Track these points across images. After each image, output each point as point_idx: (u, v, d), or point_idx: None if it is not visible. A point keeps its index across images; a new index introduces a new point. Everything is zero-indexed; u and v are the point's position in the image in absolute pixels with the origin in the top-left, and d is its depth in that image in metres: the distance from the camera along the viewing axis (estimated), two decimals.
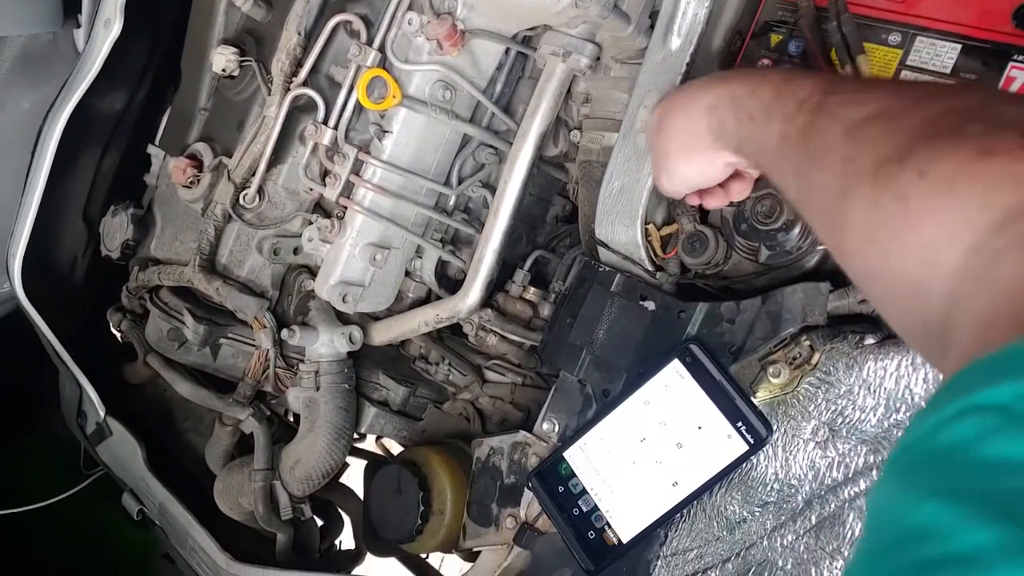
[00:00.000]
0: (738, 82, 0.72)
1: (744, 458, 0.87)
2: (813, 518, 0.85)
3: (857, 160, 0.53)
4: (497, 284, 1.24)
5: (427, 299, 1.33)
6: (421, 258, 1.29)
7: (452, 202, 1.28)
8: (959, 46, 0.84)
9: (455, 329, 1.38)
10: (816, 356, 0.86)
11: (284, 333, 1.24)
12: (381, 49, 1.14)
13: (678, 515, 0.91)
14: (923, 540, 0.33)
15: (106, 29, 1.39)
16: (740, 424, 0.87)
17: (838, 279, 0.88)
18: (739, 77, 0.73)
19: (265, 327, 1.30)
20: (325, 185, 1.20)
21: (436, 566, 1.62)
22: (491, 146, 1.26)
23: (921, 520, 0.33)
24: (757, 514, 0.88)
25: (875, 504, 0.38)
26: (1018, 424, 0.33)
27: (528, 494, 1.05)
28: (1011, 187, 0.43)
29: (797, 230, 0.90)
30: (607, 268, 1.03)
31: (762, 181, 0.94)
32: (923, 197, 0.47)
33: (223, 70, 1.30)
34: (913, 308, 0.50)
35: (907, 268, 0.49)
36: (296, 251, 1.33)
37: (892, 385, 0.81)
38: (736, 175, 0.87)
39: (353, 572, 1.56)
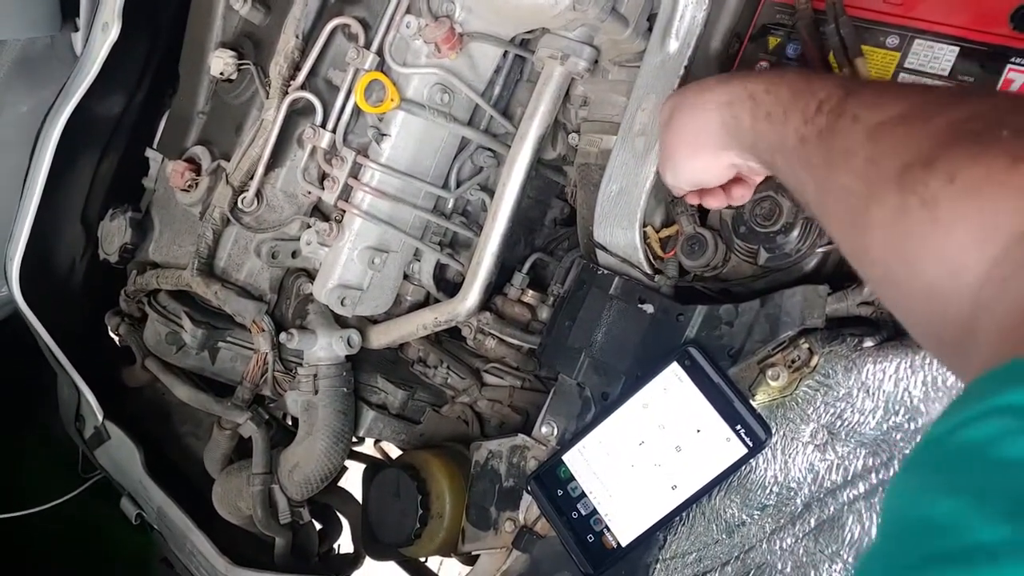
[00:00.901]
0: (755, 80, 0.71)
1: (743, 461, 0.87)
2: (812, 521, 0.85)
3: (881, 163, 0.53)
4: (495, 287, 1.24)
5: (425, 302, 1.33)
6: (419, 261, 1.29)
7: (450, 205, 1.27)
8: (957, 48, 0.84)
9: (453, 332, 1.38)
10: (815, 359, 0.86)
11: (282, 337, 1.24)
12: (379, 52, 1.14)
13: (677, 518, 0.91)
14: (937, 534, 0.33)
15: (104, 33, 1.39)
16: (739, 427, 0.87)
17: (837, 282, 0.87)
18: (756, 75, 0.72)
19: (263, 331, 1.29)
20: (323, 188, 1.20)
21: (435, 569, 1.61)
22: (489, 149, 1.26)
23: (936, 515, 0.34)
24: (756, 517, 0.88)
25: (893, 498, 0.39)
26: None
27: (527, 497, 1.04)
28: None
29: (796, 233, 0.90)
30: (605, 271, 1.03)
31: (762, 183, 0.94)
32: (952, 202, 0.46)
33: (221, 73, 1.30)
34: (936, 315, 0.49)
35: (932, 274, 0.48)
36: (294, 254, 1.33)
37: (891, 388, 0.81)
38: (738, 179, 0.87)
39: None
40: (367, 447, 1.62)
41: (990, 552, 0.31)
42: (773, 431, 0.87)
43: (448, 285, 1.33)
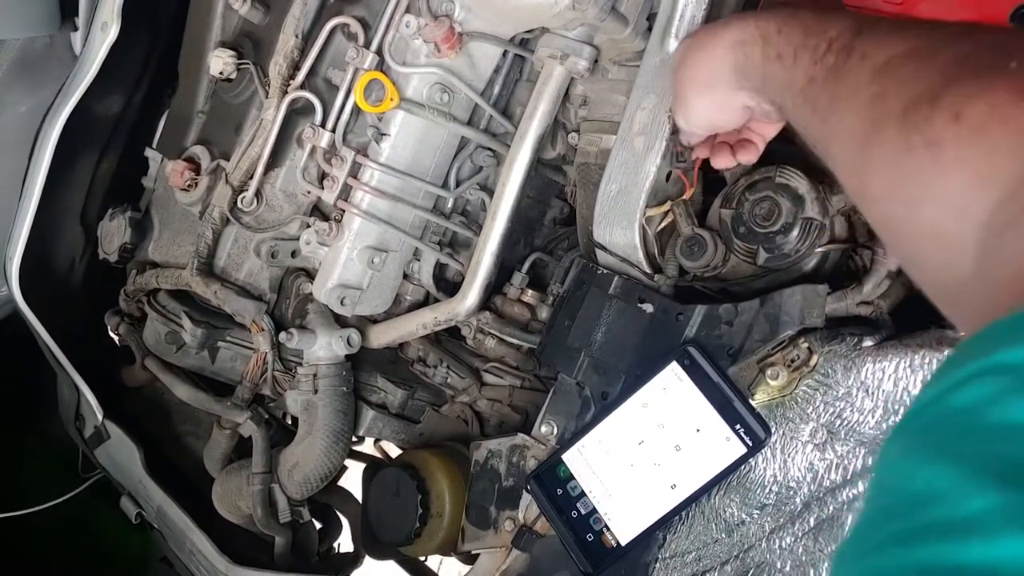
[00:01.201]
0: (767, 19, 0.70)
1: (742, 460, 0.87)
2: (812, 520, 0.85)
3: (885, 100, 0.51)
4: (495, 287, 1.24)
5: (425, 302, 1.33)
6: (419, 261, 1.29)
7: (450, 205, 1.27)
8: None
9: (453, 332, 1.38)
10: (814, 358, 0.86)
11: (282, 336, 1.24)
12: (379, 52, 1.14)
13: (676, 517, 0.91)
14: (926, 504, 0.32)
15: (103, 32, 1.39)
16: (738, 426, 0.87)
17: (836, 281, 0.88)
18: (768, 15, 0.70)
19: (263, 330, 1.29)
20: (323, 188, 1.20)
21: (435, 569, 1.61)
22: (489, 149, 1.26)
23: (925, 483, 0.32)
24: (755, 516, 0.88)
25: (882, 464, 0.37)
26: None
27: (527, 497, 1.05)
28: None
29: (795, 233, 0.90)
30: (605, 270, 1.03)
31: (761, 184, 0.94)
32: (956, 142, 0.45)
33: (220, 73, 1.29)
34: (938, 260, 0.48)
35: (935, 217, 0.47)
36: (294, 254, 1.33)
37: (890, 387, 0.81)
38: (745, 140, 0.87)
39: (351, 575, 1.56)
40: (367, 446, 1.62)
41: (982, 522, 0.29)
42: (772, 430, 0.87)
43: (448, 285, 1.33)
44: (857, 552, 0.33)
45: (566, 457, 0.98)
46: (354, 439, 1.37)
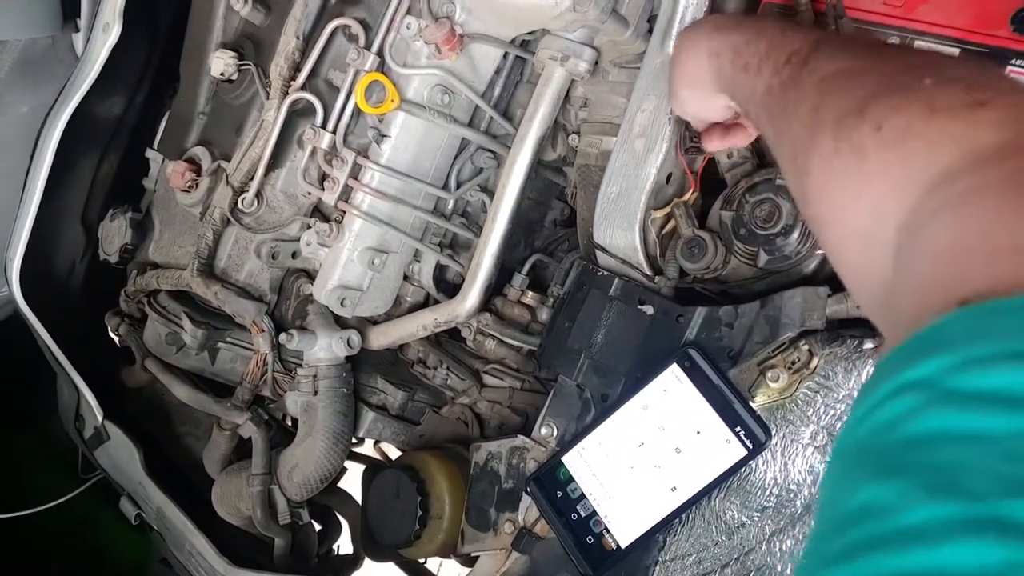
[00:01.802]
0: (739, 32, 0.74)
1: (743, 463, 0.87)
2: (812, 523, 0.85)
3: (823, 110, 0.56)
4: (495, 288, 1.24)
5: (425, 303, 1.33)
6: (419, 262, 1.29)
7: (450, 206, 1.27)
8: (957, 50, 0.84)
9: (453, 333, 1.38)
10: (815, 360, 0.86)
11: (282, 337, 1.24)
12: (379, 53, 1.14)
13: (677, 520, 0.91)
14: (868, 518, 0.33)
15: (105, 33, 1.39)
16: (739, 429, 0.87)
17: (837, 283, 0.87)
18: (740, 27, 0.75)
19: (263, 331, 1.29)
20: (323, 189, 1.20)
21: (434, 571, 1.61)
22: (489, 150, 1.26)
23: (864, 500, 0.34)
24: (756, 519, 0.88)
25: (825, 484, 0.39)
26: (943, 398, 0.34)
27: (526, 499, 1.04)
28: (948, 147, 0.44)
29: (796, 235, 0.90)
30: (605, 272, 1.03)
31: (762, 185, 0.94)
32: (878, 150, 0.49)
33: (221, 74, 1.29)
34: (863, 259, 0.51)
35: (859, 218, 0.51)
36: (294, 255, 1.33)
37: None
38: (738, 125, 0.89)
39: None
40: (367, 448, 1.62)
41: (923, 531, 0.31)
42: (773, 433, 0.87)
43: (448, 286, 1.33)
44: (808, 572, 0.35)
45: (566, 459, 0.98)
46: (354, 440, 1.37)
